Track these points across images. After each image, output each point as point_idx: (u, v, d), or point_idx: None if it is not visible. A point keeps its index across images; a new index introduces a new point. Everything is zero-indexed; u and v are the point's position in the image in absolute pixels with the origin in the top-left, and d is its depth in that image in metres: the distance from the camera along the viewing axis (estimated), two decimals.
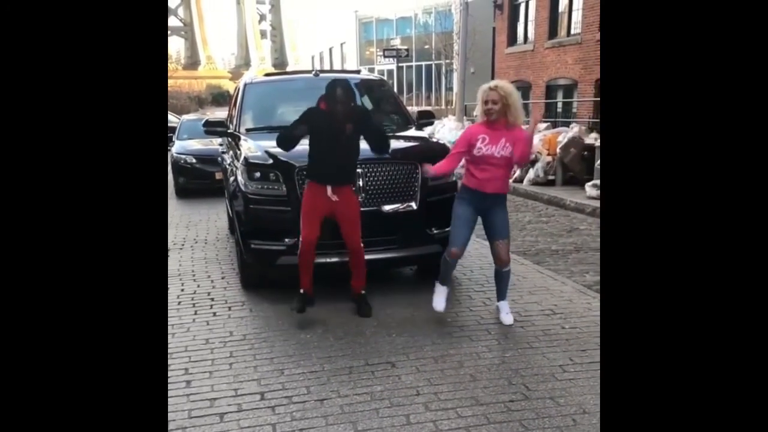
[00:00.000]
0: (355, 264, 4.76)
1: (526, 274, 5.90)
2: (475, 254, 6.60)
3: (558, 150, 11.24)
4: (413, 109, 14.40)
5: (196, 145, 11.77)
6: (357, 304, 4.83)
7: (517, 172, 11.91)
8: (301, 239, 4.58)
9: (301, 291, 4.66)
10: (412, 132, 6.26)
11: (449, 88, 32.42)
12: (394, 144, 5.72)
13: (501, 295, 4.71)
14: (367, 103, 7.11)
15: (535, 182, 11.37)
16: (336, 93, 4.45)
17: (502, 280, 4.66)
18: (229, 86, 47.76)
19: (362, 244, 4.69)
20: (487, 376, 3.74)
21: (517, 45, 18.87)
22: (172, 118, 23.48)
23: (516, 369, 3.84)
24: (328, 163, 4.56)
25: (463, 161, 4.55)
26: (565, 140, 11.12)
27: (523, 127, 4.44)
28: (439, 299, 4.68)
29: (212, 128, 6.72)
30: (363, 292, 4.84)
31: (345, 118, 4.48)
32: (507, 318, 4.65)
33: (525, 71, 17.99)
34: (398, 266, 5.85)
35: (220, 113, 16.96)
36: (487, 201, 4.44)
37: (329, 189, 4.54)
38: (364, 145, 5.49)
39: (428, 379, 3.71)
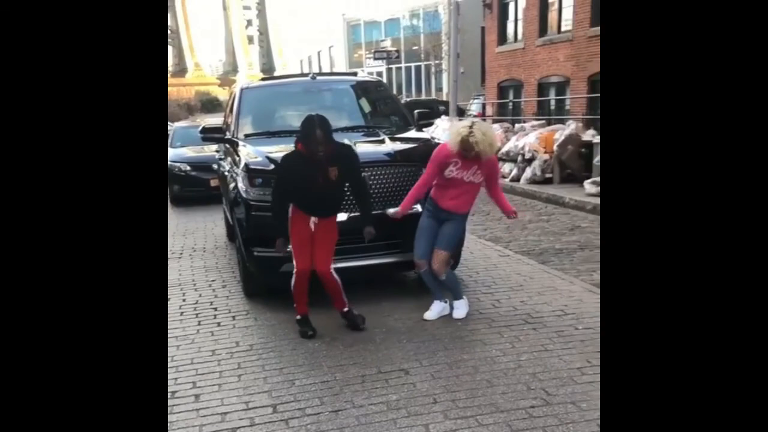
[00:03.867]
0: (329, 289, 4.53)
1: (533, 275, 5.81)
2: (480, 255, 6.52)
3: (555, 148, 11.15)
4: None
5: (190, 152, 11.65)
6: (347, 320, 4.61)
7: (514, 171, 11.85)
8: (295, 271, 4.41)
9: (299, 317, 4.54)
10: (413, 134, 6.17)
11: (439, 89, 32.41)
12: (397, 146, 5.65)
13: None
14: (366, 105, 7.02)
15: (532, 181, 11.29)
16: (315, 134, 4.07)
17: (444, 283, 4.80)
18: (218, 92, 47.45)
19: (332, 271, 4.45)
20: (504, 381, 3.65)
21: (507, 44, 18.79)
22: None
23: (533, 373, 3.74)
24: (312, 201, 4.34)
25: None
26: (562, 138, 11.03)
27: None
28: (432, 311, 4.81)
29: (210, 135, 6.60)
30: (346, 309, 4.61)
31: (328, 162, 4.20)
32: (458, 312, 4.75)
33: (516, 69, 17.91)
34: (403, 270, 5.75)
35: (211, 120, 16.90)
36: (445, 214, 4.60)
37: (312, 220, 4.35)
38: (367, 147, 5.42)
39: (444, 386, 3.61)
